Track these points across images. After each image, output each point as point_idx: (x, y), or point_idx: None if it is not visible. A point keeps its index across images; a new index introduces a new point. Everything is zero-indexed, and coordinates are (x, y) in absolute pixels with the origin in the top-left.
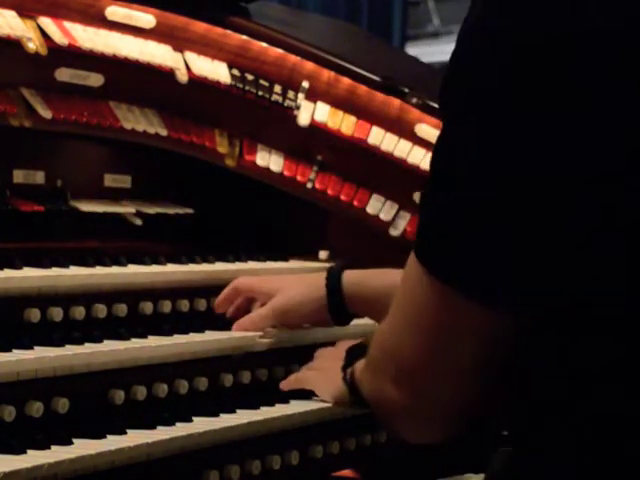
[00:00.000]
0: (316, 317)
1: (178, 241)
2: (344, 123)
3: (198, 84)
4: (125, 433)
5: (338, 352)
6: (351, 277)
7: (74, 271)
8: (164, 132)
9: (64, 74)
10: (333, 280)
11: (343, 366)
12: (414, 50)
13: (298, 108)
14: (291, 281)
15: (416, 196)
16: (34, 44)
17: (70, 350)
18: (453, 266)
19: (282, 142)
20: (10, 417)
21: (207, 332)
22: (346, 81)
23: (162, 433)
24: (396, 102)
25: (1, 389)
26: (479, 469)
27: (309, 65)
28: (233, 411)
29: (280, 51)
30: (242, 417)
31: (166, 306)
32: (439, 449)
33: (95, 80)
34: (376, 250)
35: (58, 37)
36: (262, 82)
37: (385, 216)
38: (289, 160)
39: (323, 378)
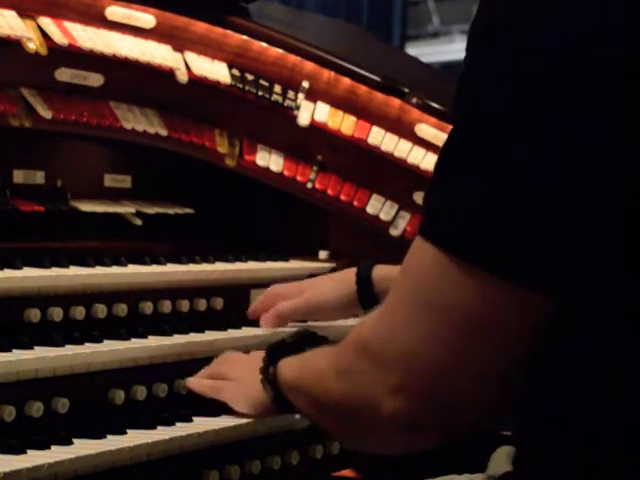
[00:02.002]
0: (346, 312)
1: (178, 241)
2: (344, 123)
3: (198, 84)
4: (125, 433)
5: (252, 361)
6: (382, 271)
7: (74, 271)
8: (164, 132)
9: (64, 74)
10: (364, 275)
11: (263, 367)
12: (414, 50)
13: (298, 108)
14: (322, 278)
15: (416, 196)
16: (34, 44)
17: (70, 350)
18: (495, 251)
19: (282, 142)
20: (10, 417)
21: (207, 332)
22: (346, 81)
23: (162, 433)
24: (396, 102)
25: (1, 389)
26: (479, 469)
27: (309, 65)
28: (233, 411)
29: (280, 51)
30: (242, 417)
31: (166, 306)
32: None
33: (95, 80)
34: (376, 250)
35: (58, 37)
36: (262, 82)
37: (385, 216)
38: (289, 160)
39: (239, 388)
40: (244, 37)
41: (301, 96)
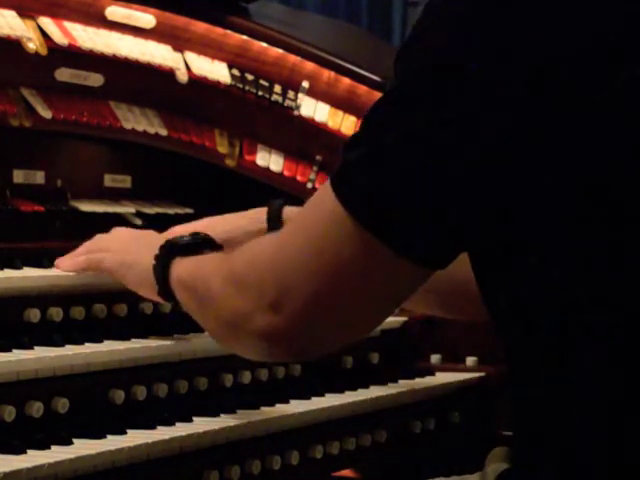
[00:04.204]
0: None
1: None
2: (344, 123)
3: (198, 84)
4: (125, 433)
5: (140, 236)
6: (292, 213)
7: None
8: (164, 132)
9: (64, 74)
10: (274, 216)
11: (158, 256)
12: None
13: (298, 108)
14: (233, 216)
15: None
16: (34, 44)
17: (70, 350)
18: (378, 214)
19: (282, 142)
20: (10, 417)
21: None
22: (346, 81)
23: (162, 433)
24: None
25: (1, 389)
26: (477, 469)
27: (309, 65)
28: (233, 411)
29: (280, 51)
30: (242, 417)
31: (166, 306)
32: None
33: (95, 80)
34: None
35: (58, 37)
36: (262, 82)
37: None
38: (289, 160)
39: (123, 257)
40: (244, 37)
41: (301, 96)
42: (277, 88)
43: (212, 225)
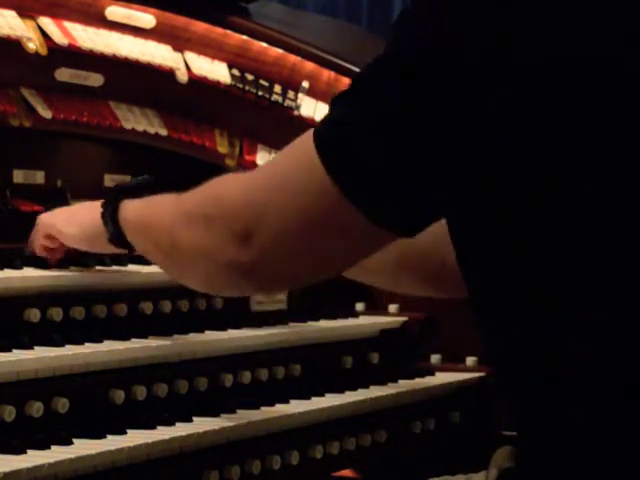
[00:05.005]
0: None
1: None
2: None
3: (198, 84)
4: (125, 433)
5: (87, 204)
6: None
7: (74, 271)
8: (164, 132)
9: (64, 74)
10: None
11: (105, 202)
12: None
13: (298, 108)
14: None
15: None
16: (34, 44)
17: (70, 350)
18: (351, 172)
19: (282, 142)
20: (10, 417)
21: (207, 332)
22: (346, 81)
23: (162, 433)
24: None
25: (1, 389)
26: (478, 469)
27: (309, 65)
28: (233, 411)
29: (280, 51)
30: (242, 417)
31: (166, 306)
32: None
33: (95, 80)
34: None
35: (58, 37)
36: (262, 82)
37: None
38: None
39: (71, 216)
40: (244, 37)
41: (301, 96)
42: (277, 88)
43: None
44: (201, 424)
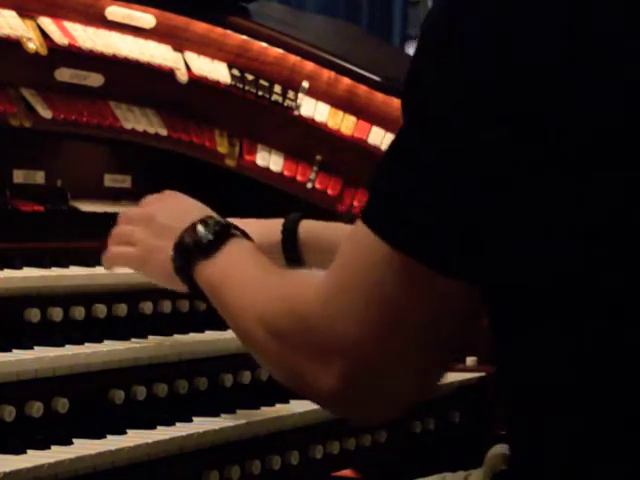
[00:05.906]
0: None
1: None
2: (344, 123)
3: (198, 84)
4: (125, 433)
5: (178, 218)
6: (308, 226)
7: (74, 271)
8: (164, 132)
9: (64, 74)
10: (290, 227)
11: (176, 266)
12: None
13: (298, 108)
14: (250, 222)
15: None
16: (34, 44)
17: (70, 350)
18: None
19: (282, 142)
20: (10, 417)
21: (207, 332)
22: (346, 81)
23: (162, 433)
24: (396, 102)
25: (1, 389)
26: (474, 467)
27: (309, 65)
28: (233, 411)
29: (280, 51)
30: (242, 417)
31: (166, 306)
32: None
33: (95, 80)
34: None
35: (58, 37)
36: (262, 82)
37: None
38: (289, 160)
39: (147, 260)
40: (244, 37)
41: (301, 96)
42: (277, 88)
43: None
44: (201, 424)
